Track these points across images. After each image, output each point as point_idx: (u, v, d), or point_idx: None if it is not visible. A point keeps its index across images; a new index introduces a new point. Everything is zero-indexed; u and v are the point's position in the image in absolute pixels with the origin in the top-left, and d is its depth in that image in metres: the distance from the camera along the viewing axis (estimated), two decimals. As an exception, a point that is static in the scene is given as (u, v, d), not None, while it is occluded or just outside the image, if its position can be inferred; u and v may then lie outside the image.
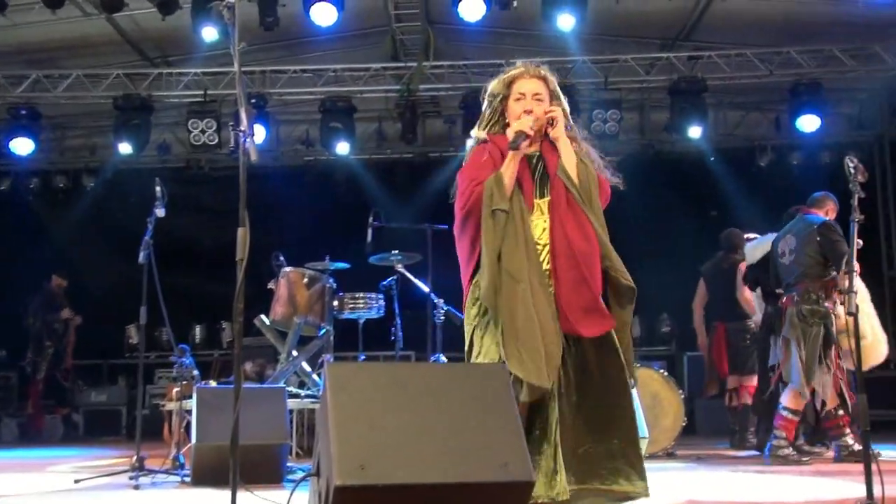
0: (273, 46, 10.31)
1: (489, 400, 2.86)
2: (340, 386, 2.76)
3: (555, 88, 3.72)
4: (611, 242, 3.62)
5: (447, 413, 2.78)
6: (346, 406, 2.71)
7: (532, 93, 3.68)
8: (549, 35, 9.64)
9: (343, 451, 2.65)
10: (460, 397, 2.82)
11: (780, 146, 11.64)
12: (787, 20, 9.74)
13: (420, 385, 2.83)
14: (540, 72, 3.75)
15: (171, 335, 6.66)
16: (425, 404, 2.79)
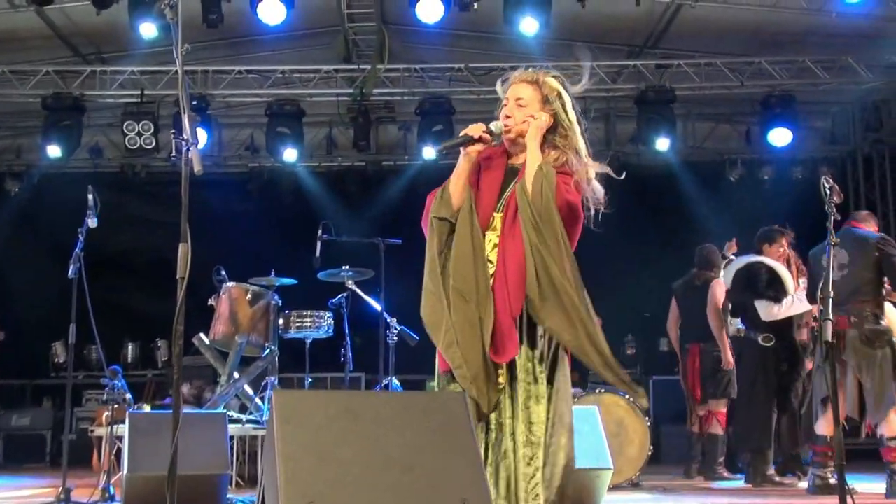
0: (216, 45, 10.25)
1: (447, 431, 2.85)
2: (288, 415, 2.74)
3: (549, 95, 3.71)
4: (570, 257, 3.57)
5: (402, 445, 2.76)
6: (294, 437, 2.68)
7: (515, 97, 3.71)
8: (510, 39, 9.71)
9: (290, 486, 2.62)
10: (417, 428, 2.81)
11: (751, 160, 11.83)
12: (758, 29, 9.90)
13: (374, 414, 2.81)
14: (533, 76, 3.77)
15: (102, 354, 6.57)
16: (379, 435, 2.77)
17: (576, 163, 3.61)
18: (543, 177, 3.49)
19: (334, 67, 10.74)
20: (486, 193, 3.63)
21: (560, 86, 3.76)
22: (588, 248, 7.80)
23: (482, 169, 3.69)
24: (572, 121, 3.73)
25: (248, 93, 10.72)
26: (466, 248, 3.50)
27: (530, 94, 3.71)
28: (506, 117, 3.69)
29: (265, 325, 7.37)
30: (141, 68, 10.35)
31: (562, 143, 3.66)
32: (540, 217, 3.45)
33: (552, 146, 3.65)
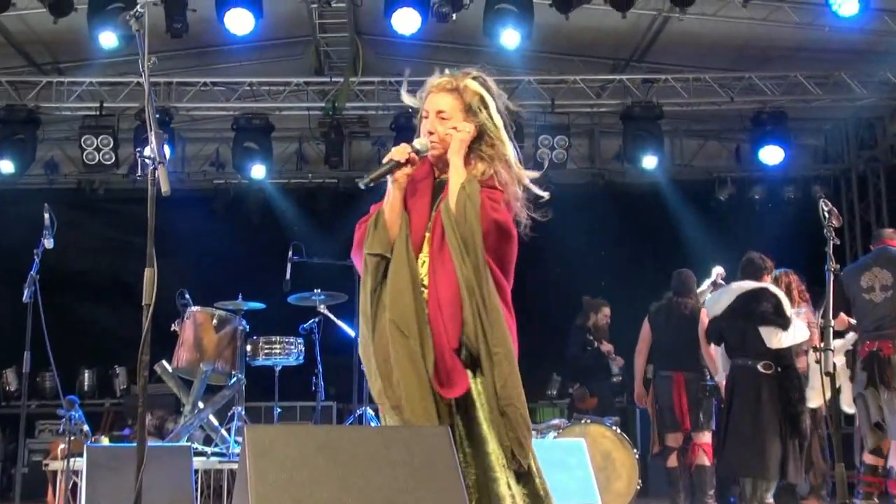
0: (180, 55, 10.23)
1: (431, 468, 2.82)
2: (261, 452, 2.70)
3: (472, 102, 3.53)
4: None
5: (384, 484, 2.74)
6: (267, 476, 2.65)
7: (436, 110, 3.55)
8: (490, 51, 9.72)
9: (264, 528, 2.58)
10: (399, 466, 2.78)
11: (741, 179, 11.93)
12: (749, 43, 10.00)
13: (352, 451, 2.78)
14: (452, 83, 3.59)
15: (59, 382, 6.50)
16: (359, 474, 2.74)
17: (505, 175, 3.50)
18: (467, 197, 3.39)
19: (305, 80, 10.74)
20: (416, 215, 3.53)
21: (482, 89, 3.58)
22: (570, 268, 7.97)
23: (408, 190, 3.56)
24: (498, 127, 3.56)
25: (213, 106, 10.68)
26: (403, 282, 3.40)
27: (451, 104, 3.55)
28: (429, 133, 3.54)
29: (232, 352, 7.33)
30: (100, 79, 10.29)
31: (489, 154, 3.53)
32: (464, 242, 3.37)
33: (479, 158, 3.54)
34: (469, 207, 3.37)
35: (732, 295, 7.07)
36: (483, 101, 3.55)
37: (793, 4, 9.20)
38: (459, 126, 3.52)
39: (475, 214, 3.37)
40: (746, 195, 11.89)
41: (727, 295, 7.15)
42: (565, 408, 11.35)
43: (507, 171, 3.51)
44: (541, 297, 11.30)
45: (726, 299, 7.11)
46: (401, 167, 3.46)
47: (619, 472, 7.07)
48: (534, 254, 11.75)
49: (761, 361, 6.95)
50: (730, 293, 7.13)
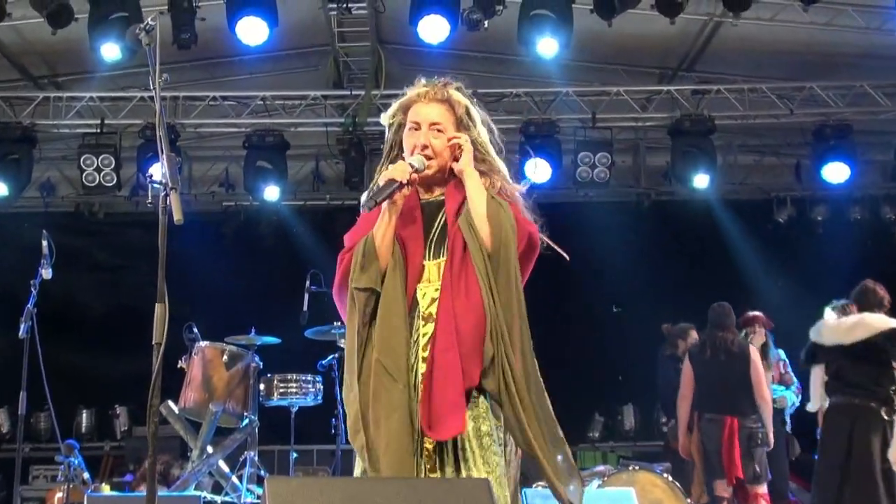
0: (188, 67, 10.33)
1: (470, 524, 2.81)
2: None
3: (462, 115, 3.54)
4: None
5: (418, 542, 2.73)
6: (291, 533, 2.65)
7: (429, 122, 3.52)
8: (526, 61, 9.78)
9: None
10: (434, 521, 2.78)
11: (802, 199, 11.87)
12: (810, 50, 9.98)
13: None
14: (444, 93, 3.58)
15: (56, 424, 6.53)
16: (390, 531, 2.74)
17: (509, 188, 3.51)
18: (500, 209, 3.37)
19: (323, 93, 10.81)
20: (411, 242, 3.47)
21: (466, 100, 3.59)
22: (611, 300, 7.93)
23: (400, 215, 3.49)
24: (485, 140, 3.58)
25: (223, 122, 10.77)
26: (397, 319, 3.35)
27: (445, 116, 3.54)
28: (423, 147, 3.49)
29: (243, 392, 7.32)
30: (101, 94, 10.40)
31: (486, 168, 3.53)
32: (496, 261, 3.33)
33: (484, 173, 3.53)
34: (506, 220, 3.34)
35: (870, 329, 7.01)
36: (469, 113, 3.57)
37: (858, 8, 9.18)
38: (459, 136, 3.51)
39: (512, 228, 3.34)
40: (808, 217, 11.84)
41: (862, 327, 7.07)
42: (608, 451, 11.31)
43: (507, 184, 3.52)
44: (581, 328, 11.30)
45: (861, 332, 7.03)
46: (402, 188, 3.40)
47: (670, 524, 7.00)
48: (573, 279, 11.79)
49: (884, 406, 6.93)
50: (865, 326, 7.06)
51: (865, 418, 6.91)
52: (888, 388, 6.85)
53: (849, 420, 7.02)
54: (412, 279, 3.43)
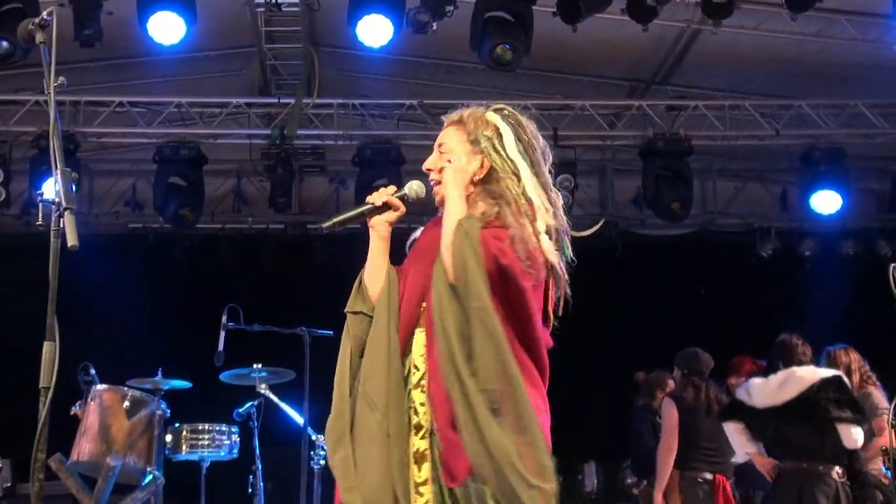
0: (92, 68, 10.25)
1: None
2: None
3: (477, 132, 3.65)
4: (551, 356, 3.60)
5: None
6: None
7: (437, 143, 3.74)
8: (478, 69, 9.82)
9: None
10: None
11: (789, 231, 12.01)
12: (799, 63, 10.12)
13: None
14: (459, 115, 3.75)
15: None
16: None
17: (512, 218, 3.51)
18: (464, 234, 3.41)
19: (246, 101, 10.80)
20: (413, 279, 3.61)
21: (499, 119, 3.70)
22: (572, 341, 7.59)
23: (412, 251, 3.78)
24: (514, 160, 3.63)
25: (130, 131, 10.72)
26: (380, 353, 3.53)
27: (454, 137, 3.70)
28: (428, 171, 3.71)
29: (147, 443, 7.26)
30: (-14, 98, 10.32)
31: (495, 192, 3.60)
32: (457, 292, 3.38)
33: (481, 197, 3.61)
34: (466, 246, 3.38)
35: (801, 384, 7.04)
36: (498, 133, 3.65)
37: (853, 17, 9.33)
38: (454, 158, 3.62)
39: (474, 255, 3.36)
40: (795, 251, 11.95)
41: (792, 384, 7.09)
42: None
43: (516, 214, 3.52)
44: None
45: (793, 389, 7.06)
46: (378, 212, 3.61)
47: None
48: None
49: (836, 467, 6.97)
50: (796, 381, 7.09)
51: (814, 483, 6.94)
52: (836, 447, 6.89)
53: (796, 485, 7.07)
54: (405, 320, 3.57)
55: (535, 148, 3.72)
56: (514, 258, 3.40)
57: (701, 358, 8.33)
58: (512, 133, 3.66)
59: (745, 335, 10.52)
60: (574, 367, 11.20)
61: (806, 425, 6.93)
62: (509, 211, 3.52)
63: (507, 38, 8.93)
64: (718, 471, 7.99)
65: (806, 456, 6.94)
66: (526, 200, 3.56)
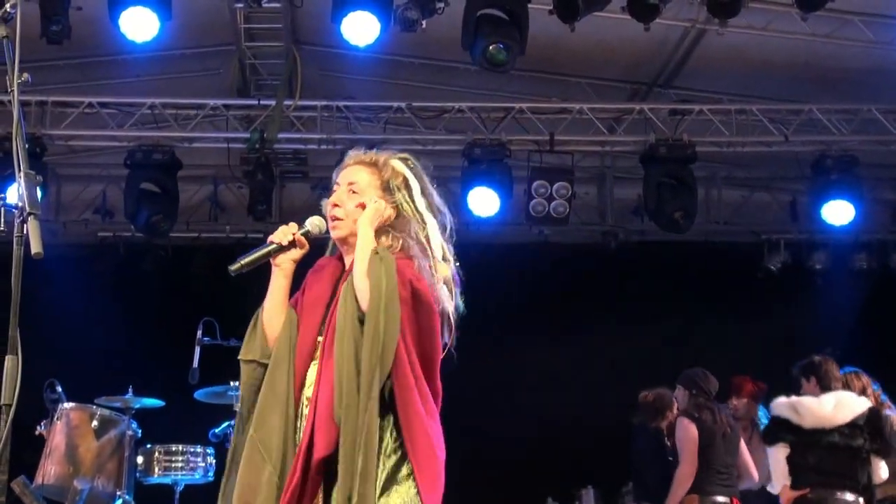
0: (60, 66, 10.23)
1: None
2: None
3: (391, 179, 3.87)
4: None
5: None
6: None
7: (347, 181, 3.88)
8: (469, 70, 9.82)
9: None
10: None
11: (798, 242, 12.01)
12: (809, 66, 10.11)
13: None
14: (372, 157, 3.93)
15: None
16: None
17: (417, 249, 3.73)
18: (380, 261, 3.58)
19: (224, 102, 10.76)
20: (307, 314, 3.77)
21: (407, 170, 3.92)
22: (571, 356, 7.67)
23: (308, 284, 3.89)
24: (421, 211, 3.87)
25: (101, 134, 10.67)
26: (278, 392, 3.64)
27: (367, 179, 3.87)
28: (333, 206, 3.84)
29: (116, 465, 7.27)
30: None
31: (400, 230, 3.80)
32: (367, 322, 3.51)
33: (387, 233, 3.80)
34: (383, 272, 3.54)
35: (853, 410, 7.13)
36: (406, 183, 3.89)
37: (866, 18, 9.32)
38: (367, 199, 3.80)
39: (390, 280, 3.53)
40: (805, 264, 11.96)
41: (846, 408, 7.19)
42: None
43: (420, 247, 3.75)
44: (532, 396, 11.29)
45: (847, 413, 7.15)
46: (284, 251, 3.80)
47: None
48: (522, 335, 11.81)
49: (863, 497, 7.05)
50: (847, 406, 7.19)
51: None
52: (866, 478, 6.97)
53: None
54: (303, 356, 3.71)
55: (434, 199, 3.95)
56: (426, 283, 3.62)
57: (710, 379, 8.37)
58: (418, 185, 3.90)
59: (752, 353, 10.52)
60: (571, 386, 11.28)
61: (848, 453, 7.00)
62: (413, 243, 3.74)
63: (501, 38, 8.90)
64: (732, 494, 8.04)
65: (841, 485, 7.02)
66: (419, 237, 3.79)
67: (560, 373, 11.38)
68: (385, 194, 3.84)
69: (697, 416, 8.19)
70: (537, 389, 11.22)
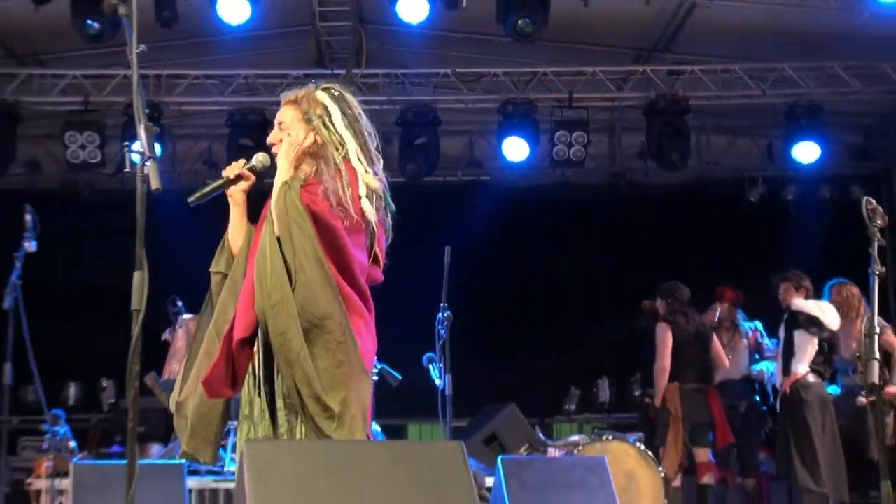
0: (171, 46, 10.19)
1: (443, 486, 2.81)
2: (262, 469, 2.69)
3: (309, 110, 3.81)
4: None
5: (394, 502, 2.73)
6: (269, 495, 2.64)
7: (277, 121, 3.87)
8: (503, 41, 9.73)
9: (263, 551, 2.58)
10: (408, 483, 2.77)
11: (774, 178, 11.89)
12: (782, 31, 9.93)
13: (359, 468, 2.77)
14: (294, 95, 3.90)
15: (43, 396, 6.49)
16: (365, 493, 2.73)
17: (326, 173, 3.66)
18: (286, 195, 3.56)
19: (304, 72, 10.68)
20: (258, 230, 3.73)
21: (327, 98, 3.85)
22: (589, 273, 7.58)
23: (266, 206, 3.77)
24: (341, 133, 3.78)
25: (206, 100, 10.70)
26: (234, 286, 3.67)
27: (291, 115, 3.84)
28: (271, 145, 3.84)
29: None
30: (85, 72, 10.29)
31: (318, 156, 3.75)
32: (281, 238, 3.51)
33: (308, 162, 3.76)
34: (288, 201, 3.53)
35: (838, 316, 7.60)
36: (327, 110, 3.81)
37: (830, -11, 9.14)
38: (292, 133, 3.78)
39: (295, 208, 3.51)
40: (779, 195, 11.86)
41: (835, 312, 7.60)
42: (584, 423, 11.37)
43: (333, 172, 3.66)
44: (558, 306, 11.32)
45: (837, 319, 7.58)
46: (233, 183, 3.81)
47: (643, 492, 7.05)
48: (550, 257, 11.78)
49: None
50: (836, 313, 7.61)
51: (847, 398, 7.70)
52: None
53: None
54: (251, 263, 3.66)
55: (359, 121, 3.86)
56: (324, 206, 3.54)
57: (682, 289, 8.41)
58: (339, 109, 3.81)
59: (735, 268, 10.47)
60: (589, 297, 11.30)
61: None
62: (325, 169, 3.66)
63: (528, 13, 8.82)
64: (707, 381, 8.11)
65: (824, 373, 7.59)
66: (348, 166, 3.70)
67: (579, 287, 11.39)
68: (306, 125, 3.78)
69: (673, 320, 8.23)
70: (561, 298, 11.22)
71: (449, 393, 6.54)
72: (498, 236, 11.05)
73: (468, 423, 9.19)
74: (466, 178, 12.08)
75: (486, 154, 11.85)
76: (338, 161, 3.70)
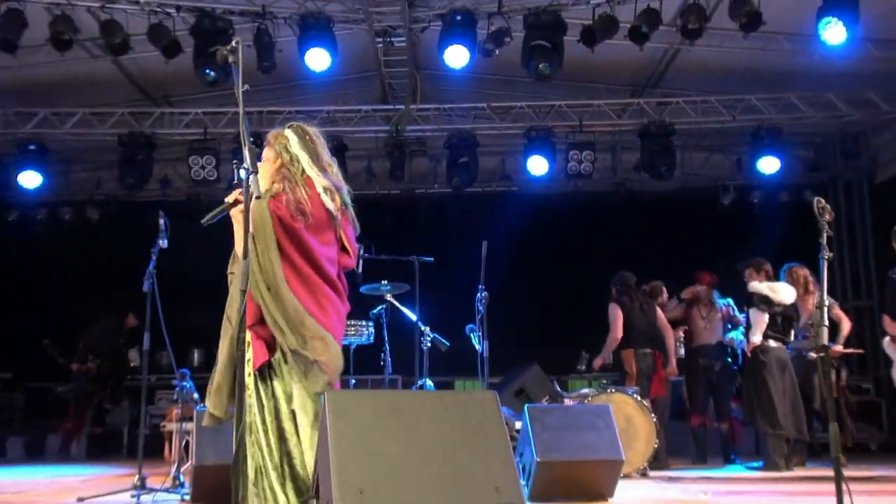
0: (270, 88, 10.30)
1: (481, 427, 2.80)
2: (340, 413, 2.70)
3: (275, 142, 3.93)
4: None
5: (442, 439, 2.72)
6: (345, 432, 2.64)
7: (263, 158, 3.96)
8: (527, 81, 9.67)
9: (342, 477, 2.58)
10: (454, 425, 2.77)
11: (742, 186, 11.73)
12: (748, 69, 9.80)
13: (416, 413, 2.77)
14: (270, 136, 3.99)
15: (172, 358, 6.55)
16: (421, 431, 2.73)
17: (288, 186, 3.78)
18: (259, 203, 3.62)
19: (373, 107, 10.77)
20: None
21: (290, 131, 3.96)
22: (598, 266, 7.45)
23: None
24: (296, 154, 3.88)
25: (297, 131, 10.73)
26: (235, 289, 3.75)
27: (266, 153, 3.96)
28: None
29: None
30: (204, 110, 10.43)
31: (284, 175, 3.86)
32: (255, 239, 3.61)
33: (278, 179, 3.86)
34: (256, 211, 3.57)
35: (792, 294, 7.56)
36: (287, 139, 3.93)
37: (787, 35, 8.98)
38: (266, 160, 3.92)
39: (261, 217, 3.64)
40: (746, 200, 11.73)
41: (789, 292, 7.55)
42: (592, 380, 11.28)
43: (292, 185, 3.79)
44: (572, 287, 11.25)
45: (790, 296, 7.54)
46: (232, 206, 3.74)
47: (638, 433, 6.99)
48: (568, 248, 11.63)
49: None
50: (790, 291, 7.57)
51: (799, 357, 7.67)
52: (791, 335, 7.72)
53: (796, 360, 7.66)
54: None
55: (315, 143, 3.96)
56: (285, 211, 3.69)
57: (627, 276, 8.42)
58: (296, 136, 3.93)
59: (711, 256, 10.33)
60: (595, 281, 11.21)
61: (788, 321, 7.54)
62: (287, 184, 3.79)
63: (546, 59, 8.74)
64: (654, 347, 8.06)
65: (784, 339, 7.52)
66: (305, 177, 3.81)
67: (588, 272, 11.28)
68: (275, 154, 3.90)
69: (620, 300, 8.16)
70: (574, 281, 11.12)
71: (486, 356, 6.50)
72: (524, 234, 11.01)
73: (501, 379, 9.16)
74: (499, 188, 12.06)
75: (515, 169, 11.80)
76: (297, 176, 3.82)
